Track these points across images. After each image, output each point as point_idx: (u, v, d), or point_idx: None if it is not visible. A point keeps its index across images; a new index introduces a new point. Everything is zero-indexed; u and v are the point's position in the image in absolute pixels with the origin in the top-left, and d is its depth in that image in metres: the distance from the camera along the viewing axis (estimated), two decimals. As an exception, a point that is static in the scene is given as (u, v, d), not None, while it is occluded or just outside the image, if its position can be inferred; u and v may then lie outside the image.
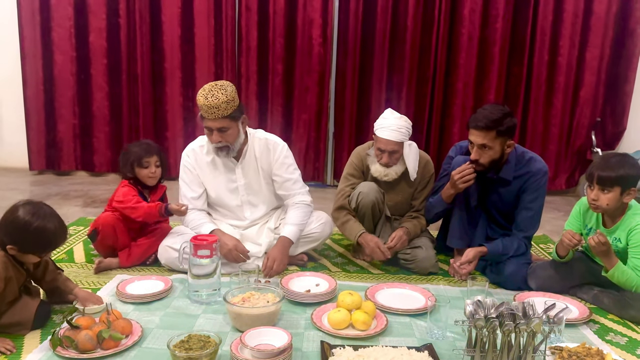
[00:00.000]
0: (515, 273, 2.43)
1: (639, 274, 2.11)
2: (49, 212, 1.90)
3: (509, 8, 4.51)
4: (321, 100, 4.71)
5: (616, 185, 2.09)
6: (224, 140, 2.42)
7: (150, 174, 2.55)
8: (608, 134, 4.81)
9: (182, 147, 4.64)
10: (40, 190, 4.29)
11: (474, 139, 2.35)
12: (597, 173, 2.11)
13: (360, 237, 2.57)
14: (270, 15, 4.56)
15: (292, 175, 2.62)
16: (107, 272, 2.47)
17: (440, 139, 4.78)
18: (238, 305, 1.90)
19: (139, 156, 2.53)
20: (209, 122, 2.38)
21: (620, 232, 2.19)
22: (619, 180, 2.08)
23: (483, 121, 2.30)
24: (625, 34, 4.58)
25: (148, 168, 2.54)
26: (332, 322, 1.94)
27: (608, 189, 2.10)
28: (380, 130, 2.55)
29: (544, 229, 3.58)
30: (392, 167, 2.61)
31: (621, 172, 2.08)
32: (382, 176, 2.62)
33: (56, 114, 4.75)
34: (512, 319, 1.66)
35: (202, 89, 2.37)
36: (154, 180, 2.60)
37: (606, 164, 2.12)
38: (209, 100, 2.31)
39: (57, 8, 4.56)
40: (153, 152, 2.56)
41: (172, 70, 4.68)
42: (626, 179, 2.09)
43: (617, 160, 2.13)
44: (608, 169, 2.10)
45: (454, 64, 4.65)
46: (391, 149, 2.55)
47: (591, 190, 2.16)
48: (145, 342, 1.83)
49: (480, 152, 2.36)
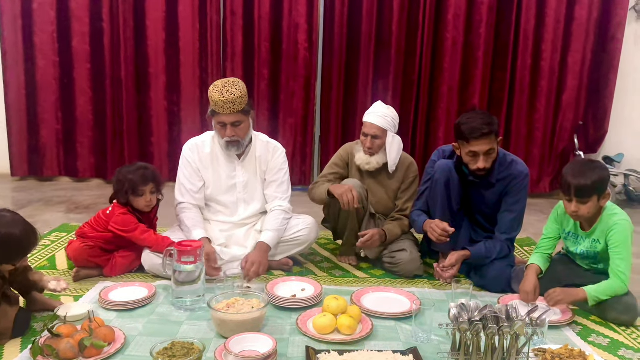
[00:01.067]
0: (499, 276, 2.45)
1: (621, 276, 2.13)
2: (11, 219, 1.82)
3: (492, 13, 4.56)
4: (307, 104, 4.71)
5: (593, 194, 2.11)
6: (236, 134, 2.48)
7: (146, 203, 2.51)
8: (590, 137, 4.88)
9: (167, 152, 4.72)
10: (23, 196, 4.23)
11: (481, 148, 2.34)
12: (574, 185, 2.10)
13: (330, 188, 2.60)
14: (256, 20, 4.56)
15: (280, 179, 2.66)
16: (91, 279, 2.44)
17: (426, 142, 4.81)
18: (222, 311, 1.89)
19: (134, 185, 2.45)
20: (223, 117, 2.44)
21: (599, 233, 2.22)
22: (595, 188, 2.10)
23: (486, 128, 2.30)
24: (606, 39, 4.66)
25: (143, 197, 2.49)
26: (317, 327, 1.94)
27: (587, 199, 2.11)
28: (366, 116, 2.69)
29: (528, 231, 3.62)
30: (374, 157, 2.69)
31: (595, 179, 2.10)
32: (364, 164, 2.70)
33: (39, 119, 4.69)
34: (496, 322, 1.68)
35: (214, 86, 2.42)
36: (150, 208, 2.56)
37: (579, 174, 2.11)
38: (225, 95, 2.37)
39: (40, 12, 4.51)
40: (149, 181, 2.48)
41: (157, 75, 4.65)
42: (600, 184, 2.12)
43: (588, 168, 2.13)
44: (583, 179, 2.09)
45: (439, 68, 4.69)
46: (374, 133, 2.63)
47: (569, 202, 2.15)
48: (128, 349, 1.81)
49: (486, 158, 2.37)
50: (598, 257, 2.27)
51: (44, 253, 2.80)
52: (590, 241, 2.24)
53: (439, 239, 2.43)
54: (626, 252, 2.15)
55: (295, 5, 4.53)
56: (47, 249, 2.86)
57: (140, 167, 2.53)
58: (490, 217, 2.60)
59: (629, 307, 2.16)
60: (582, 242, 2.29)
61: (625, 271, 2.14)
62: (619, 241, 2.15)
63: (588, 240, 2.25)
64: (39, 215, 3.64)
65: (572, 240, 2.34)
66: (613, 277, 2.15)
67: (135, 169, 2.50)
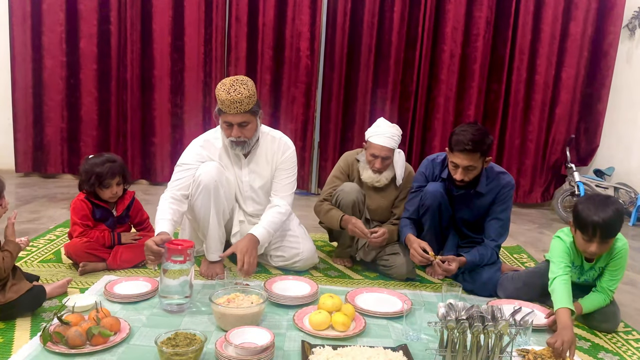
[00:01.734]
0: (488, 281, 2.54)
1: (609, 294, 2.23)
2: None
3: (490, 27, 4.69)
4: (307, 110, 4.82)
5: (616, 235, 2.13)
6: (242, 135, 2.43)
7: (111, 195, 2.57)
8: (582, 150, 5.01)
9: (169, 153, 4.82)
10: (26, 192, 4.31)
11: (460, 161, 2.42)
12: (601, 231, 2.02)
13: (342, 220, 2.67)
14: (260, 27, 4.68)
15: (285, 179, 2.64)
16: (95, 273, 2.53)
17: (422, 151, 4.92)
18: (223, 305, 1.98)
19: (100, 177, 2.50)
20: (230, 116, 2.39)
21: (602, 260, 2.25)
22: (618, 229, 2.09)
23: (470, 145, 2.35)
24: (599, 55, 4.80)
25: (109, 188, 2.54)
26: (313, 323, 2.03)
27: (610, 240, 2.11)
28: (374, 137, 2.67)
29: (518, 240, 3.73)
30: (383, 174, 2.73)
31: (619, 224, 2.05)
32: (374, 182, 2.74)
33: (44, 117, 4.79)
34: (481, 321, 1.78)
35: (221, 84, 2.37)
36: (115, 199, 2.62)
37: (609, 223, 2.02)
38: (232, 94, 2.32)
39: (49, 13, 4.62)
40: (115, 174, 2.53)
41: (161, 78, 4.76)
42: (621, 223, 2.09)
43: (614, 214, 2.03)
44: (611, 228, 2.03)
45: (436, 79, 4.81)
46: (385, 155, 2.67)
47: (588, 242, 2.08)
48: (133, 339, 1.89)
49: (465, 172, 2.45)
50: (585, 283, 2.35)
51: (49, 247, 2.89)
52: (596, 269, 2.27)
53: (420, 262, 2.52)
54: (621, 275, 2.24)
55: (298, 14, 4.65)
56: (52, 243, 2.95)
57: (107, 159, 2.55)
58: (474, 225, 2.70)
59: (608, 316, 2.25)
60: (586, 273, 2.31)
61: (614, 290, 2.24)
62: (619, 265, 2.21)
63: (593, 269, 2.28)
64: (43, 210, 3.72)
65: (577, 271, 2.31)
66: (602, 294, 2.23)
67: (102, 161, 2.53)
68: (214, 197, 2.45)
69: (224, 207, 2.54)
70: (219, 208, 2.50)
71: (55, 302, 2.16)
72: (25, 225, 3.31)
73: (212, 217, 2.48)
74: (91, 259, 2.53)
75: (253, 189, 2.66)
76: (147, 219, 2.82)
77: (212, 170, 2.45)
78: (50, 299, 2.19)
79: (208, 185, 2.42)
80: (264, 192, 2.69)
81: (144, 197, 4.25)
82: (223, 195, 2.49)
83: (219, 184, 2.45)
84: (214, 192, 2.44)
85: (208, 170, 2.44)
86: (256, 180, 2.65)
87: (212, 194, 2.44)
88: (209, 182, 2.42)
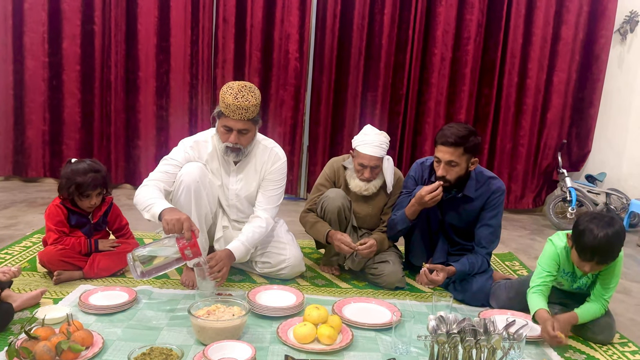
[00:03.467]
0: (479, 290, 2.47)
1: (604, 303, 2.16)
2: None
3: (481, 31, 4.64)
4: (296, 114, 4.74)
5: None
6: (239, 142, 2.39)
7: (89, 205, 2.48)
8: (574, 156, 4.97)
9: (154, 155, 4.71)
10: (6, 196, 4.18)
11: (442, 155, 2.40)
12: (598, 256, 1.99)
13: (328, 235, 2.60)
14: (248, 29, 4.59)
15: (272, 192, 2.57)
16: (71, 283, 2.42)
17: (412, 156, 4.85)
18: (202, 318, 1.89)
19: (80, 187, 2.40)
20: (232, 121, 2.34)
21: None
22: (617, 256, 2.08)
23: (452, 137, 2.34)
24: (590, 59, 4.77)
25: (88, 199, 2.45)
26: (297, 336, 1.94)
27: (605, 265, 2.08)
28: (362, 146, 2.58)
29: (510, 247, 3.66)
30: (372, 182, 2.66)
31: (618, 250, 2.03)
32: (362, 191, 2.66)
33: (25, 120, 4.66)
34: (473, 335, 1.70)
35: (229, 88, 2.33)
36: (92, 209, 2.52)
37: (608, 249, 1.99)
38: (239, 100, 2.29)
39: (31, 13, 4.50)
40: (97, 185, 2.44)
41: (146, 79, 4.65)
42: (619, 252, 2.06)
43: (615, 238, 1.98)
44: (609, 254, 2.01)
45: (427, 83, 4.76)
46: (374, 164, 2.59)
47: (584, 262, 2.04)
48: (106, 354, 1.79)
49: (447, 168, 2.41)
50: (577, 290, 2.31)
51: (24, 254, 2.77)
52: (588, 276, 2.22)
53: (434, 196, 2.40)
54: (615, 282, 2.18)
55: (287, 16, 4.57)
56: (28, 250, 2.84)
57: (90, 168, 2.45)
58: (463, 232, 2.64)
59: (603, 327, 2.18)
60: (579, 280, 2.26)
61: (609, 299, 2.18)
62: (613, 274, 2.16)
63: (585, 276, 2.22)
64: (21, 216, 3.60)
65: (569, 279, 2.28)
66: (597, 302, 2.17)
67: (84, 170, 2.42)
68: (194, 197, 2.36)
69: (207, 211, 2.45)
70: (201, 211, 2.41)
71: (26, 314, 2.05)
72: (1, 232, 3.19)
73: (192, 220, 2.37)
74: (66, 267, 2.42)
75: (239, 198, 2.58)
76: (127, 225, 2.72)
77: (194, 171, 2.37)
78: (22, 310, 2.08)
79: (189, 185, 2.34)
80: (249, 202, 2.61)
81: (128, 202, 4.14)
82: (205, 198, 2.41)
83: (200, 184, 2.37)
84: (194, 193, 2.36)
85: (190, 170, 2.37)
86: (243, 189, 2.57)
87: (192, 194, 2.35)
88: (191, 182, 2.35)
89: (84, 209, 2.50)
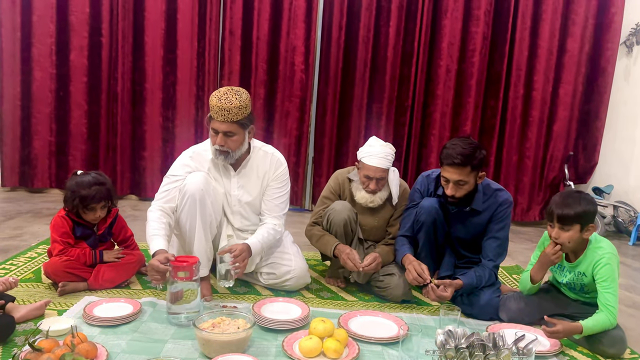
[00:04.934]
0: (487, 304, 2.44)
1: (611, 310, 2.13)
2: None
3: (486, 43, 4.65)
4: (302, 125, 4.74)
5: (575, 223, 2.15)
6: (226, 145, 2.39)
7: (94, 218, 2.48)
8: (580, 168, 4.94)
9: (160, 167, 4.72)
10: (12, 207, 4.19)
11: (450, 175, 2.37)
12: (557, 212, 2.16)
13: (335, 249, 2.58)
14: (254, 41, 4.62)
15: (278, 199, 2.60)
16: (75, 294, 2.41)
17: (418, 167, 4.84)
18: (207, 330, 1.87)
19: (84, 200, 2.41)
20: (217, 123, 2.36)
21: (584, 266, 2.23)
22: (578, 217, 2.14)
23: (458, 158, 2.31)
24: (597, 72, 4.76)
25: (93, 212, 2.45)
26: (303, 349, 1.91)
27: (568, 227, 2.16)
28: (368, 157, 2.57)
29: (517, 259, 3.63)
30: (378, 194, 2.64)
31: (579, 210, 2.14)
32: (368, 203, 2.64)
33: (32, 131, 4.68)
34: (482, 350, 1.68)
35: (217, 91, 2.37)
36: (97, 221, 2.52)
37: (564, 202, 2.17)
38: (222, 102, 2.31)
39: (39, 25, 4.54)
40: (102, 199, 2.44)
41: (153, 91, 4.68)
42: (585, 215, 2.15)
43: (575, 199, 2.17)
44: (566, 208, 2.15)
45: (432, 94, 4.76)
46: (379, 176, 2.58)
47: (552, 228, 2.21)
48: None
49: (456, 187, 2.38)
50: (584, 288, 2.28)
51: (30, 265, 2.76)
52: (576, 273, 2.26)
53: (412, 282, 2.41)
54: (614, 286, 2.16)
55: (293, 28, 4.59)
56: (33, 261, 2.83)
57: (95, 181, 2.45)
58: (469, 244, 2.61)
59: (615, 340, 2.15)
60: (568, 274, 2.30)
61: (614, 305, 2.14)
62: (607, 275, 2.15)
63: (573, 272, 2.27)
64: (27, 226, 3.60)
65: (558, 270, 2.35)
66: (604, 311, 2.14)
67: (89, 183, 2.43)
68: (199, 206, 2.36)
69: (212, 219, 2.44)
70: (206, 220, 2.40)
71: (30, 326, 2.04)
72: (6, 242, 3.18)
73: (198, 229, 2.37)
74: (71, 278, 2.41)
75: (241, 204, 2.58)
76: (132, 237, 2.71)
77: (198, 180, 2.38)
78: (26, 321, 2.06)
79: (194, 195, 2.34)
80: (251, 208, 2.61)
81: (133, 213, 4.14)
82: (210, 206, 2.40)
83: (205, 193, 2.37)
84: (199, 201, 2.35)
85: (194, 180, 2.38)
86: (245, 195, 2.57)
87: (197, 203, 2.35)
88: (195, 191, 2.35)
89: (88, 221, 2.50)
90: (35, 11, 4.52)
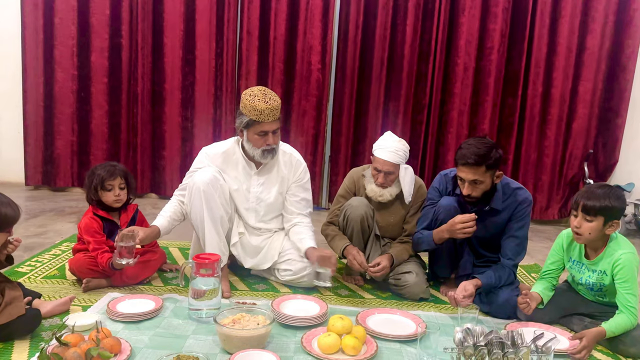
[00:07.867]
0: (506, 302, 2.43)
1: (632, 311, 2.11)
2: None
3: (504, 40, 4.61)
4: (318, 124, 4.76)
5: (600, 215, 2.11)
6: (275, 142, 2.49)
7: (114, 197, 2.52)
8: (600, 166, 4.88)
9: (179, 166, 4.78)
10: (35, 205, 4.29)
11: (465, 175, 2.37)
12: (583, 201, 2.13)
13: (345, 250, 2.62)
14: (271, 41, 4.65)
15: (302, 194, 2.68)
16: (99, 290, 2.46)
17: (435, 166, 4.83)
18: (228, 326, 1.90)
19: (102, 179, 2.48)
20: (267, 125, 2.43)
21: (604, 264, 2.20)
22: (603, 210, 2.10)
23: (472, 157, 2.31)
24: (617, 69, 4.69)
25: (112, 191, 2.51)
26: (322, 346, 1.94)
27: (592, 217, 2.12)
28: (378, 150, 2.61)
29: (536, 258, 3.61)
30: (387, 189, 2.65)
31: (606, 203, 2.10)
32: (377, 196, 2.67)
33: (54, 131, 4.79)
34: (501, 348, 1.68)
35: (253, 96, 2.41)
36: (119, 204, 2.57)
37: (592, 193, 2.13)
38: (270, 103, 2.39)
39: (61, 27, 4.63)
40: (117, 174, 2.51)
41: (172, 91, 4.74)
42: (610, 210, 2.11)
43: (604, 191, 2.13)
44: (594, 198, 2.11)
45: (449, 93, 4.73)
46: (387, 170, 2.60)
47: (575, 217, 2.18)
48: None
49: (472, 187, 2.38)
50: (603, 289, 2.26)
51: (54, 262, 2.83)
52: (597, 273, 2.23)
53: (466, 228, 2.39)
54: (635, 287, 2.14)
55: (310, 28, 4.62)
56: (57, 259, 2.90)
57: (109, 163, 2.59)
58: (487, 243, 2.61)
59: (637, 340, 2.13)
60: (586, 272, 2.27)
61: (635, 305, 2.12)
62: (627, 275, 2.13)
63: (592, 271, 2.24)
64: (50, 224, 3.68)
65: (577, 268, 2.32)
66: (625, 312, 2.12)
67: (103, 165, 2.57)
68: (205, 200, 2.43)
69: (221, 214, 2.49)
70: (214, 214, 2.46)
71: (56, 321, 2.09)
72: (31, 240, 3.26)
73: (207, 223, 2.45)
74: (95, 275, 2.47)
75: (259, 201, 2.63)
76: None
77: (205, 175, 2.46)
78: (52, 317, 2.12)
79: (199, 188, 2.43)
80: (268, 207, 2.65)
81: (153, 211, 4.20)
82: (217, 200, 2.47)
83: (211, 187, 2.44)
84: (204, 195, 2.43)
85: (201, 175, 2.47)
86: (264, 192, 2.62)
87: (203, 197, 2.43)
88: (200, 185, 2.44)
89: (111, 209, 2.55)
90: (57, 14, 4.61)
